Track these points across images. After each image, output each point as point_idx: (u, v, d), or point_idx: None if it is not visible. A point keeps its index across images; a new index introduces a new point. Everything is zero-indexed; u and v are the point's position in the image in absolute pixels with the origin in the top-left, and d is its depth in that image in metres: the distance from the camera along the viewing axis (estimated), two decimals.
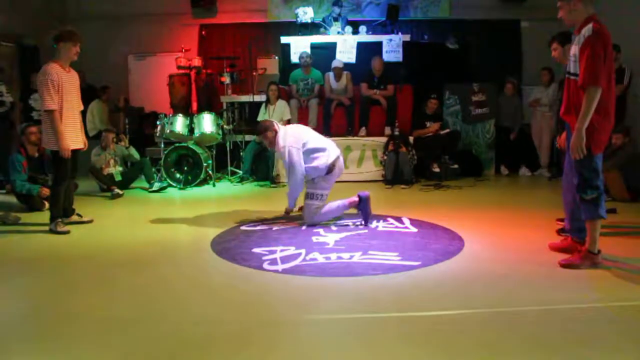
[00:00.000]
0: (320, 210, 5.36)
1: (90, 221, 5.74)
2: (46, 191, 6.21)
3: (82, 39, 5.47)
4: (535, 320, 3.08)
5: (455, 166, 8.36)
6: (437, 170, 8.20)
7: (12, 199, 6.62)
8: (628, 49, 7.05)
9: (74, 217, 5.72)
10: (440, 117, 8.76)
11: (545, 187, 7.89)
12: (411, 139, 8.26)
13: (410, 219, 5.56)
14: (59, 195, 5.41)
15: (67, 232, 5.29)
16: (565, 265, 3.97)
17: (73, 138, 5.34)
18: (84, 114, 6.06)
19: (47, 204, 6.19)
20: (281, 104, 8.43)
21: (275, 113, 8.31)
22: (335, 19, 9.56)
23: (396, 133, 8.16)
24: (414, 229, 5.22)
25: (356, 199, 5.42)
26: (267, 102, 8.46)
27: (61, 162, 5.28)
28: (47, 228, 5.36)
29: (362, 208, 5.41)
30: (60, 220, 5.38)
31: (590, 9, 3.76)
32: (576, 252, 4.06)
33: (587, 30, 3.68)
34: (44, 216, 5.84)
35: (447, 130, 8.58)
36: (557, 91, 8.14)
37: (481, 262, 4.19)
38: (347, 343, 2.84)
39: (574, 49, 3.80)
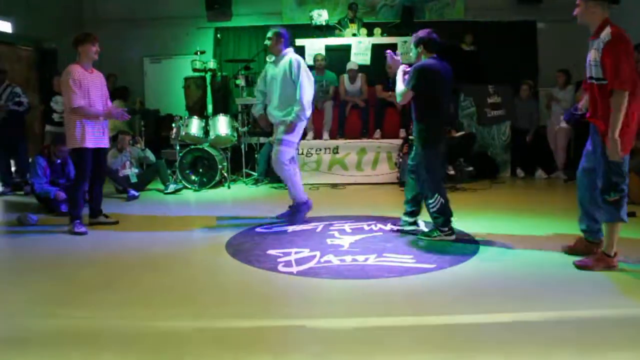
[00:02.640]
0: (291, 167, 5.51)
1: (116, 222, 5.79)
2: (61, 195, 6.27)
3: (100, 42, 5.54)
4: (552, 324, 3.05)
5: (471, 168, 8.31)
6: (452, 172, 8.15)
7: (32, 200, 6.70)
8: None
9: (101, 218, 5.79)
10: (455, 118, 8.71)
11: (561, 189, 7.83)
12: None
13: (425, 222, 5.53)
14: (79, 196, 5.47)
15: (85, 233, 5.33)
16: (580, 266, 3.94)
17: (97, 137, 5.41)
18: None
19: (64, 205, 6.25)
20: None
21: None
22: (351, 21, 9.56)
23: (411, 135, 8.12)
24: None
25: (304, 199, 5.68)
26: None
27: (81, 160, 5.37)
28: (64, 229, 5.41)
29: (293, 212, 5.66)
30: (78, 221, 5.43)
31: (606, 12, 3.75)
32: (591, 254, 4.03)
33: (606, 35, 3.67)
34: (62, 218, 5.92)
35: (462, 133, 8.54)
36: (575, 92, 8.08)
37: (496, 265, 4.17)
38: (360, 346, 2.84)
39: (593, 54, 3.77)
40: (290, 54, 5.61)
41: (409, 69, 4.92)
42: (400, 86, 4.88)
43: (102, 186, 5.84)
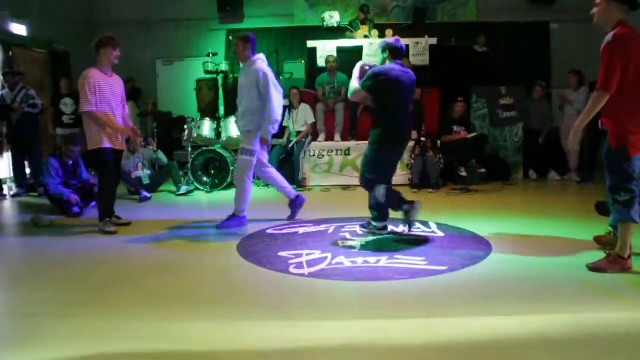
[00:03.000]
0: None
1: (129, 223, 5.83)
2: (74, 198, 6.32)
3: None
4: (564, 328, 3.02)
5: (483, 170, 8.27)
6: (464, 174, 8.12)
7: (46, 202, 6.76)
8: None
9: (113, 219, 5.82)
10: (468, 120, 8.68)
11: (574, 191, 7.76)
12: (438, 142, 8.20)
13: (437, 224, 5.52)
14: (106, 196, 5.54)
15: (115, 232, 5.41)
16: (592, 269, 3.91)
17: (112, 138, 5.45)
18: None
19: (77, 208, 6.30)
20: (304, 107, 8.43)
21: (299, 117, 8.34)
22: (363, 23, 9.55)
23: (423, 137, 8.11)
24: (441, 234, 5.18)
25: (293, 196, 5.83)
26: (290, 106, 8.46)
27: (102, 160, 5.41)
28: (77, 230, 5.46)
29: (294, 208, 5.88)
30: (108, 219, 5.52)
31: (622, 14, 3.76)
32: (605, 256, 3.99)
33: (610, 35, 3.72)
34: (76, 219, 5.97)
35: (474, 134, 8.51)
36: (588, 93, 8.01)
37: (509, 267, 4.14)
38: (372, 348, 2.83)
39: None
40: (259, 62, 5.46)
41: (368, 67, 4.96)
42: (354, 83, 4.92)
43: (117, 188, 5.88)
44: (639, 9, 3.86)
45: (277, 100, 5.36)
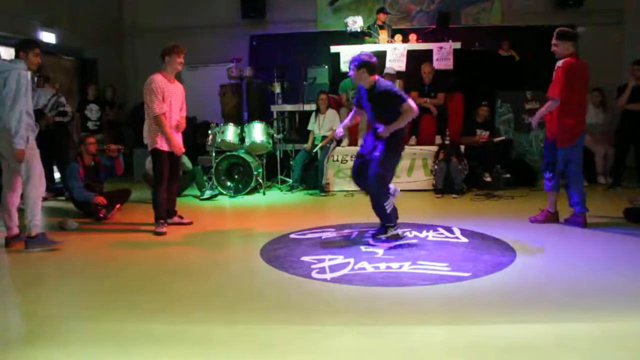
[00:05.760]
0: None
1: (191, 223, 6.01)
2: (101, 199, 6.42)
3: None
4: (589, 336, 2.98)
5: (508, 176, 8.18)
6: (488, 179, 8.05)
7: (71, 206, 6.87)
8: None
9: (175, 219, 5.99)
10: (492, 125, 8.60)
11: (602, 196, 7.62)
12: (462, 148, 8.14)
13: (461, 229, 5.48)
14: (159, 197, 5.69)
15: (164, 234, 5.59)
16: None
17: (170, 143, 5.65)
18: None
19: (104, 211, 6.40)
20: (331, 113, 8.44)
21: (325, 122, 8.34)
22: (381, 27, 9.52)
23: (447, 142, 8.05)
24: (464, 239, 5.14)
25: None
26: (317, 111, 8.48)
27: (158, 162, 5.63)
28: (104, 234, 5.56)
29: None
30: (162, 221, 5.68)
31: (572, 48, 5.50)
32: None
33: (561, 62, 5.45)
34: (101, 222, 6.05)
35: (501, 138, 8.42)
36: (617, 97, 7.94)
37: (533, 274, 4.09)
38: (394, 353, 2.81)
39: None
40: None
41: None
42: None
43: (177, 188, 6.08)
44: None
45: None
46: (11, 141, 4.77)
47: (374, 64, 4.99)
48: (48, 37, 9.59)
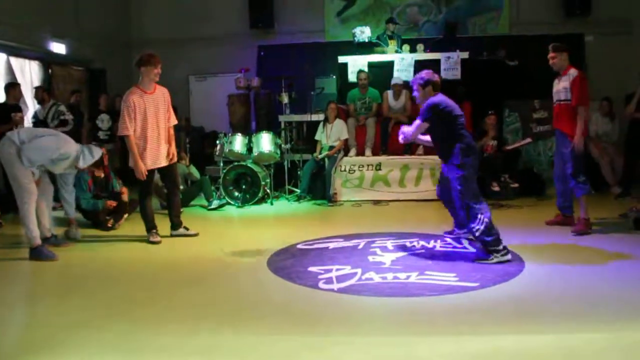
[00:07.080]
0: None
1: (196, 234, 5.98)
2: (112, 203, 6.46)
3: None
4: (600, 347, 2.95)
5: (516, 185, 8.14)
6: (496, 189, 8.00)
7: (78, 215, 6.88)
8: None
9: (181, 230, 5.98)
10: (500, 134, 8.58)
11: (611, 205, 7.56)
12: None
13: (469, 239, 5.45)
14: (145, 209, 5.74)
15: (159, 242, 5.64)
16: None
17: (155, 157, 5.60)
18: None
19: (111, 221, 6.42)
20: (339, 123, 8.45)
21: (333, 132, 8.35)
22: (390, 37, 9.55)
23: None
24: (472, 249, 5.11)
25: None
26: (326, 120, 8.48)
27: (138, 179, 5.60)
28: (111, 244, 5.61)
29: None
30: (154, 230, 5.73)
31: (568, 59, 5.78)
32: None
33: (573, 71, 5.69)
34: (108, 233, 6.07)
35: (519, 144, 8.36)
36: (626, 104, 7.90)
37: (542, 284, 4.06)
38: None
39: (565, 84, 5.74)
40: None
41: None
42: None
43: (178, 197, 6.07)
44: None
45: None
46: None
47: (437, 81, 5.06)
48: (58, 47, 9.69)
